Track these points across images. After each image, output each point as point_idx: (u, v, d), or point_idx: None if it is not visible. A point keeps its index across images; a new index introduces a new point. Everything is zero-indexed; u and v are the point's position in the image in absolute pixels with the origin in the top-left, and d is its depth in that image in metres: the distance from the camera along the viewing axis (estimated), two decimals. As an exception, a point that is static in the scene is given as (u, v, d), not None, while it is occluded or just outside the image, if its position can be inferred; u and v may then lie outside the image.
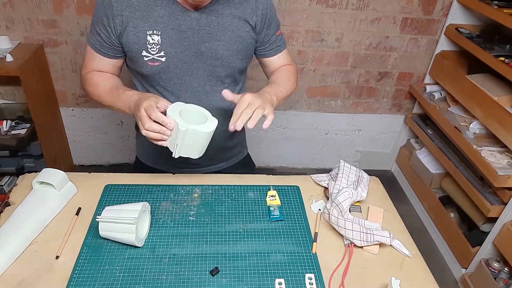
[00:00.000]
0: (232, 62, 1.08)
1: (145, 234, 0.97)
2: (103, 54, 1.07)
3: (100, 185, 1.11)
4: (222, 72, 1.09)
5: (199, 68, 1.07)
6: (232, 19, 1.04)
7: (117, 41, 1.04)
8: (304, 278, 0.90)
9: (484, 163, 1.81)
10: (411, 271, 0.95)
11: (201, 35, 1.03)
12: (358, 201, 1.13)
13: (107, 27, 1.01)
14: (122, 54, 1.08)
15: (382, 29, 2.25)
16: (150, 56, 1.03)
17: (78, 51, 2.15)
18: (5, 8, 1.97)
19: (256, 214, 1.06)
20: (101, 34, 1.03)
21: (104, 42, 1.04)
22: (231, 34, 1.05)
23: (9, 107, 2.17)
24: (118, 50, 1.06)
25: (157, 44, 1.01)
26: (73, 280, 0.86)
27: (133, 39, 1.01)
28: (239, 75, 1.16)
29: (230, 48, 1.06)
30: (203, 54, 1.05)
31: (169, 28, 1.01)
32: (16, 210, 0.98)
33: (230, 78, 1.13)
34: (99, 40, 1.04)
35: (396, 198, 1.21)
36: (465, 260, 2.00)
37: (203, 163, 1.24)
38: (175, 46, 1.02)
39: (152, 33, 1.00)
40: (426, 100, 2.32)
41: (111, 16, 0.99)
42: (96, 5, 1.02)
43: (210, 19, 1.02)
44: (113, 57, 1.08)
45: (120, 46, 1.05)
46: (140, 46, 1.02)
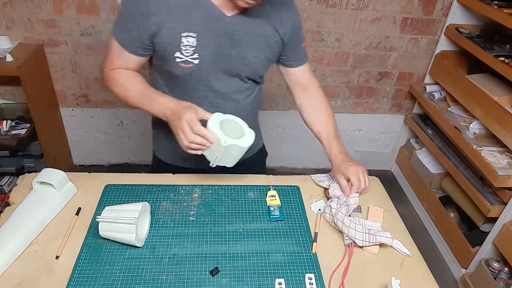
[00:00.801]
0: (257, 68, 1.11)
1: (145, 234, 0.97)
2: (132, 52, 1.05)
3: (100, 185, 1.11)
4: (246, 76, 1.11)
5: (226, 71, 1.08)
6: (264, 27, 1.05)
7: (148, 40, 1.02)
8: (304, 278, 0.90)
9: (484, 163, 1.81)
10: (411, 271, 0.95)
11: (234, 40, 1.03)
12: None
13: (139, 25, 0.99)
14: (150, 52, 1.06)
15: (382, 29, 2.25)
16: (183, 58, 1.02)
17: (78, 51, 2.15)
18: (5, 8, 1.97)
19: (256, 214, 1.06)
20: (131, 31, 1.01)
21: (134, 39, 1.02)
22: (261, 41, 1.06)
23: (9, 107, 2.17)
24: (148, 48, 1.04)
25: (191, 46, 1.00)
26: (73, 280, 0.86)
27: (168, 39, 1.00)
28: (259, 79, 1.19)
29: (258, 55, 1.08)
30: (232, 58, 1.05)
31: (204, 31, 1.00)
32: (16, 210, 0.98)
33: (252, 81, 1.15)
34: (128, 37, 1.02)
35: (396, 198, 1.21)
36: (465, 260, 2.00)
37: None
38: (209, 49, 1.02)
39: (187, 35, 0.99)
40: (426, 100, 2.32)
41: (146, 15, 0.97)
42: (128, 1, 1.00)
43: (244, 25, 1.03)
44: (141, 55, 1.06)
45: (150, 45, 1.03)
46: (174, 47, 1.01)
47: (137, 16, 0.98)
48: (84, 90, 2.30)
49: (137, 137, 2.52)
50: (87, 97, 2.33)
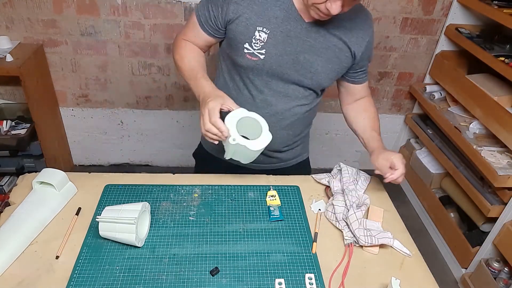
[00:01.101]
0: (321, 79, 1.11)
1: (145, 234, 0.97)
2: (204, 30, 1.10)
3: (100, 185, 1.11)
4: (308, 85, 1.12)
5: (290, 74, 1.09)
6: (338, 41, 1.06)
7: (223, 24, 1.06)
8: (304, 278, 0.90)
9: (484, 163, 1.81)
10: (411, 271, 0.95)
11: (304, 46, 1.05)
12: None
13: (219, 8, 1.03)
14: (221, 36, 1.11)
15: (382, 29, 2.25)
16: (251, 50, 1.05)
17: (78, 51, 2.15)
18: (5, 8, 1.97)
19: (256, 214, 1.06)
20: (210, 11, 1.05)
21: (209, 19, 1.07)
22: (331, 54, 1.07)
23: (9, 107, 2.17)
24: (219, 31, 1.09)
25: (261, 41, 1.03)
26: (73, 280, 0.86)
27: (242, 29, 1.03)
28: (320, 91, 1.19)
29: (325, 66, 1.08)
30: (299, 64, 1.07)
31: (278, 30, 1.03)
32: (16, 210, 0.98)
33: (312, 91, 1.16)
34: (206, 16, 1.07)
35: (396, 198, 1.21)
36: (465, 260, 2.00)
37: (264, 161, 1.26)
38: (277, 48, 1.04)
39: (261, 30, 1.02)
40: (426, 100, 2.32)
41: (228, 1, 1.02)
42: None
43: (319, 34, 1.04)
44: (212, 35, 1.10)
45: (223, 29, 1.07)
46: (245, 38, 1.04)
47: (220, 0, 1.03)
48: (84, 90, 2.30)
49: (137, 137, 2.52)
50: (87, 97, 2.33)
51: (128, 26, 2.09)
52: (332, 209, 1.06)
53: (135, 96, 2.34)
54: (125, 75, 2.26)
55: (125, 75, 2.26)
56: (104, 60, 2.20)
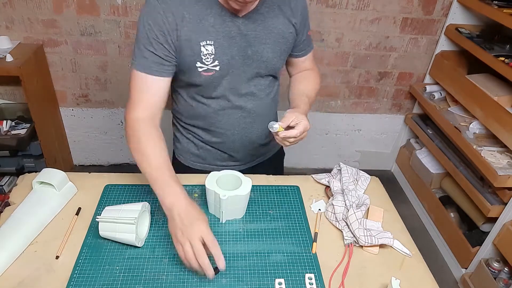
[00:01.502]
0: (275, 63, 1.10)
1: (145, 234, 0.97)
2: (164, 75, 1.00)
3: (100, 185, 1.11)
4: (265, 73, 1.11)
5: (245, 71, 1.08)
6: (277, 21, 1.05)
7: (175, 55, 1.00)
8: (304, 278, 0.90)
9: (484, 163, 1.81)
10: (411, 271, 0.95)
11: (248, 39, 1.03)
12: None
13: (164, 44, 0.97)
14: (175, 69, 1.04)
15: (382, 29, 2.25)
16: (204, 67, 1.02)
17: (78, 51, 2.15)
18: (5, 8, 1.97)
19: (256, 214, 1.06)
20: (157, 53, 0.97)
21: (163, 60, 0.99)
22: (276, 36, 1.06)
23: (9, 107, 2.17)
24: (175, 65, 1.02)
25: (211, 54, 1.01)
26: (73, 280, 0.86)
27: (187, 52, 0.99)
28: (277, 74, 1.19)
29: (274, 50, 1.07)
30: (249, 58, 1.06)
31: (220, 36, 1.00)
32: (16, 210, 0.98)
33: (270, 77, 1.16)
34: (155, 61, 0.98)
35: (396, 198, 1.21)
36: (465, 260, 2.00)
37: (244, 159, 1.27)
38: (226, 54, 1.03)
39: (205, 44, 0.99)
40: (426, 100, 2.32)
41: (167, 32, 0.96)
42: (142, 27, 0.96)
43: (256, 23, 1.03)
44: (170, 74, 1.02)
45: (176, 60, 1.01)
46: (194, 58, 1.00)
47: (159, 37, 0.96)
48: (84, 90, 2.30)
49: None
50: (87, 97, 2.33)
51: (128, 26, 2.09)
52: (332, 209, 1.06)
53: (135, 96, 2.34)
54: (125, 75, 2.26)
55: (125, 75, 2.26)
56: (104, 60, 2.20)
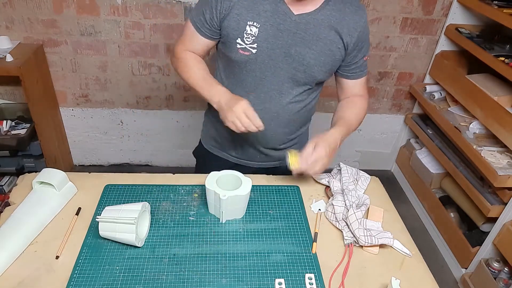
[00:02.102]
0: (315, 72, 1.10)
1: (145, 234, 0.97)
2: (202, 34, 1.11)
3: (100, 185, 1.11)
4: (302, 79, 1.12)
5: (282, 68, 1.09)
6: (329, 32, 1.06)
7: (218, 24, 1.07)
8: (304, 278, 0.90)
9: (484, 163, 1.80)
10: (411, 271, 0.95)
11: (295, 39, 1.05)
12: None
13: (213, 9, 1.05)
14: (218, 37, 1.12)
15: (382, 29, 2.25)
16: (243, 45, 1.06)
17: (78, 51, 2.15)
18: (5, 8, 1.97)
19: (256, 214, 1.06)
20: (205, 14, 1.07)
21: (206, 22, 1.08)
22: (323, 45, 1.07)
23: (9, 107, 2.17)
24: (216, 32, 1.10)
25: (252, 36, 1.05)
26: (73, 280, 0.86)
27: (233, 25, 1.05)
28: (316, 86, 1.18)
29: (317, 58, 1.08)
30: (291, 57, 1.07)
31: (268, 24, 1.04)
32: (16, 210, 0.98)
33: (308, 86, 1.15)
34: (201, 20, 1.09)
35: (396, 198, 1.22)
36: (465, 260, 2.00)
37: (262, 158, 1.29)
38: (269, 42, 1.05)
39: (252, 24, 1.04)
40: (426, 100, 2.32)
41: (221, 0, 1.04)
42: None
43: (309, 26, 1.04)
44: (210, 37, 1.12)
45: (219, 29, 1.09)
46: (237, 34, 1.05)
47: (213, 0, 1.05)
48: (84, 90, 2.30)
49: (137, 137, 2.52)
50: (87, 97, 2.33)
51: (128, 26, 2.09)
52: (332, 209, 1.06)
53: (135, 96, 2.34)
54: (125, 75, 2.26)
55: (125, 75, 2.26)
56: (104, 60, 2.20)
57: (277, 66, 1.09)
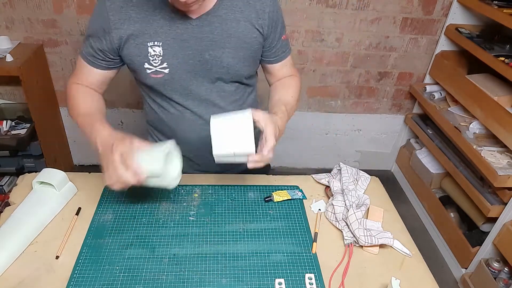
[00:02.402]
0: (238, 69, 1.04)
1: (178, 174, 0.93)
2: (95, 66, 1.04)
3: (100, 185, 1.11)
4: (228, 80, 1.06)
5: (204, 76, 1.03)
6: (238, 25, 0.98)
7: (113, 54, 1.01)
8: (304, 278, 0.90)
9: (484, 163, 1.81)
10: (411, 271, 0.95)
11: (205, 43, 0.98)
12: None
13: (102, 40, 0.98)
14: (115, 65, 1.05)
15: (382, 29, 2.25)
16: (153, 69, 0.99)
17: (78, 51, 2.15)
18: (5, 8, 1.97)
19: (256, 214, 1.06)
20: (94, 46, 1.00)
21: (96, 54, 1.01)
22: (236, 40, 0.99)
23: (9, 107, 2.17)
24: (113, 61, 1.03)
25: (159, 56, 0.97)
26: (73, 280, 0.86)
27: (135, 51, 0.98)
28: (246, 80, 1.11)
29: (236, 56, 1.01)
30: (208, 63, 1.00)
31: (170, 38, 0.96)
32: (16, 210, 0.98)
33: (237, 84, 1.10)
34: (91, 52, 1.01)
35: (396, 198, 1.21)
36: (465, 260, 2.00)
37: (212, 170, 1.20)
38: (178, 57, 0.98)
39: (153, 45, 0.96)
40: (426, 100, 2.32)
41: (108, 30, 0.96)
42: (92, 18, 0.99)
43: (213, 25, 0.97)
44: (105, 68, 1.05)
45: (116, 58, 1.02)
46: (141, 59, 0.98)
47: (99, 31, 0.97)
48: (84, 90, 2.30)
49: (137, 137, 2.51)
50: (87, 97, 2.32)
51: (128, 26, 2.09)
52: (332, 209, 1.06)
53: (135, 96, 2.34)
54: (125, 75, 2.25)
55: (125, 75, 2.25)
56: (104, 60, 2.20)
57: (197, 76, 1.02)
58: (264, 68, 1.17)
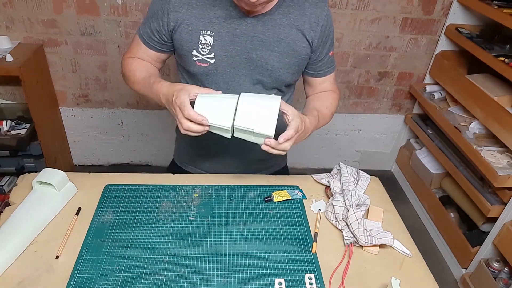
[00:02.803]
0: (281, 75, 1.05)
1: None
2: (150, 47, 1.07)
3: (100, 185, 1.11)
4: (269, 83, 1.06)
5: (246, 75, 1.04)
6: (290, 31, 1.00)
7: (167, 36, 1.03)
8: (304, 278, 0.90)
9: (484, 163, 1.81)
10: (411, 271, 0.95)
11: (254, 43, 1.00)
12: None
13: (160, 21, 1.01)
14: (169, 49, 1.08)
15: (382, 29, 2.25)
16: (199, 56, 1.01)
17: (78, 51, 2.15)
18: (5, 8, 1.97)
19: (256, 214, 1.06)
20: (152, 26, 1.03)
21: (153, 34, 1.04)
22: (285, 46, 1.01)
23: (9, 107, 2.17)
24: (166, 45, 1.06)
25: (208, 45, 0.99)
26: (73, 280, 0.86)
27: (186, 37, 1.00)
28: (286, 88, 1.12)
29: (282, 61, 1.03)
30: (253, 62, 1.02)
31: (223, 31, 0.98)
32: (16, 210, 0.98)
33: (275, 91, 1.10)
34: (148, 32, 1.05)
35: (396, 198, 1.21)
36: (465, 260, 2.01)
37: (239, 170, 1.23)
38: (226, 50, 1.00)
39: (205, 33, 0.98)
40: (426, 100, 2.32)
41: (167, 11, 0.99)
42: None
43: (267, 27, 0.99)
44: (159, 50, 1.08)
45: (169, 41, 1.05)
46: (191, 45, 1.00)
47: (159, 12, 1.00)
48: (84, 90, 2.30)
49: (137, 137, 2.52)
50: (87, 97, 2.33)
51: (128, 26, 2.09)
52: (332, 209, 1.06)
53: (135, 96, 2.34)
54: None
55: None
56: (104, 60, 2.20)
57: (240, 74, 1.03)
58: (305, 80, 1.18)
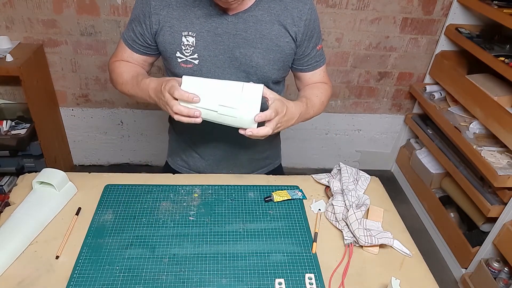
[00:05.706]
0: (267, 71, 1.04)
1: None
2: (135, 50, 1.08)
3: (100, 185, 1.11)
4: (255, 81, 1.05)
5: (232, 73, 1.04)
6: (272, 27, 1.00)
7: (151, 39, 1.04)
8: (304, 278, 0.90)
9: (484, 163, 1.81)
10: (411, 271, 0.95)
11: (237, 40, 0.99)
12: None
13: (142, 24, 1.02)
14: (154, 52, 1.09)
15: (382, 29, 2.26)
16: (183, 58, 1.02)
17: (78, 51, 2.15)
18: (5, 8, 1.97)
19: (256, 214, 1.06)
20: (135, 30, 1.04)
21: (137, 38, 1.05)
22: (268, 42, 1.01)
23: (9, 107, 2.17)
24: (151, 48, 1.07)
25: (191, 46, 1.00)
26: (73, 280, 0.86)
27: (169, 39, 1.01)
28: (273, 85, 1.11)
29: (266, 57, 1.02)
30: (237, 60, 1.02)
31: (204, 30, 0.99)
32: (16, 210, 0.98)
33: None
34: (132, 36, 1.06)
35: (396, 198, 1.21)
36: (465, 260, 2.00)
37: (232, 170, 1.23)
38: (209, 49, 1.00)
39: (187, 34, 0.99)
40: (426, 100, 2.32)
41: (148, 14, 1.00)
42: (136, 2, 1.03)
43: (248, 24, 0.99)
44: (144, 53, 1.09)
45: (154, 44, 1.06)
46: (174, 47, 1.01)
47: (140, 15, 1.02)
48: (84, 90, 2.30)
49: (137, 137, 2.52)
50: (87, 97, 2.33)
51: (128, 26, 2.09)
52: (332, 209, 1.06)
53: (135, 96, 2.34)
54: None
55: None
56: (104, 60, 2.20)
57: (225, 73, 1.03)
58: (295, 75, 1.18)
